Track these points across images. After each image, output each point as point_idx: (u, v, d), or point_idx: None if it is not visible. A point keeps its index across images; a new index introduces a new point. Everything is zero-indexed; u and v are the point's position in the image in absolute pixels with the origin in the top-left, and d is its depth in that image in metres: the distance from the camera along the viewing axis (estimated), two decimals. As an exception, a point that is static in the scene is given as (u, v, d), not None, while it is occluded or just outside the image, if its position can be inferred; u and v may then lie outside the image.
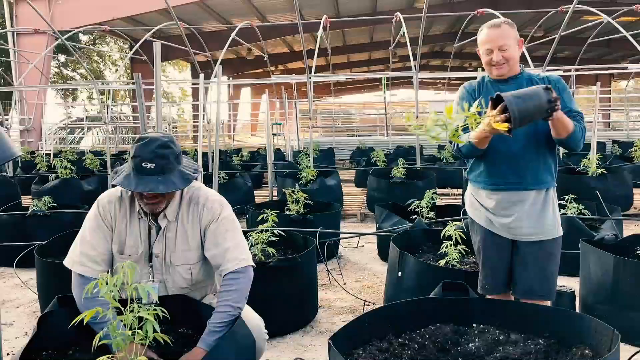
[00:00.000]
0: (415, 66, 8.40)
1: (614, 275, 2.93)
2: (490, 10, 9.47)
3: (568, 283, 3.09)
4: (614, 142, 11.97)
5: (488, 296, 2.42)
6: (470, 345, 1.92)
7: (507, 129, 1.87)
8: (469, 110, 1.88)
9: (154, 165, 1.93)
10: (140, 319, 1.62)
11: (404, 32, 9.61)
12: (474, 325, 2.03)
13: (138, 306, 1.62)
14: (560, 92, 2.24)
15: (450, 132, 1.81)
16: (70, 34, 11.94)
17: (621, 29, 8.95)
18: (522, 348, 1.87)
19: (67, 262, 2.09)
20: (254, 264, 2.13)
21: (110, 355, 1.64)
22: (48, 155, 11.74)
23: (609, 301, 2.96)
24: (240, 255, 2.08)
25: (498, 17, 2.44)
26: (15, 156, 1.90)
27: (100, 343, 1.65)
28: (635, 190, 6.69)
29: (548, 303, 2.32)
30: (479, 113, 1.90)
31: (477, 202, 2.43)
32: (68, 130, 19.02)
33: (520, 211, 2.29)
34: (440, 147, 11.25)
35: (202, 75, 5.56)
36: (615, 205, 4.92)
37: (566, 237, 2.43)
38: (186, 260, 2.14)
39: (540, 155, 2.29)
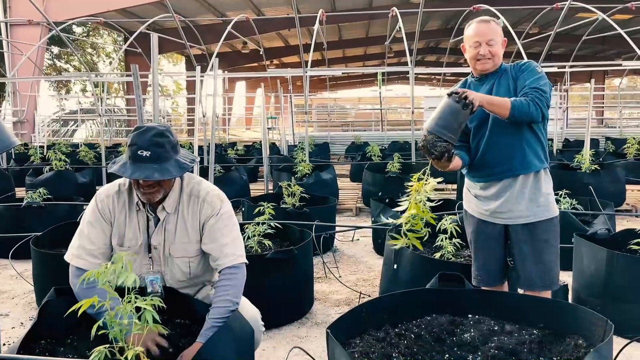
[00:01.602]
0: (411, 61, 8.41)
1: (606, 269, 2.97)
2: (486, 6, 9.47)
3: (561, 277, 3.12)
4: (607, 139, 12.05)
5: (483, 288, 2.46)
6: (465, 335, 1.94)
7: (446, 158, 2.18)
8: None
9: (149, 153, 1.94)
10: (138, 309, 1.63)
11: (400, 27, 9.61)
12: (470, 315, 2.06)
13: (136, 296, 1.62)
14: (523, 72, 2.33)
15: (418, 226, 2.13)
16: (64, 25, 11.85)
17: (616, 27, 9.00)
18: (517, 338, 1.90)
19: (66, 256, 2.12)
20: (247, 262, 2.15)
21: (108, 345, 1.65)
22: (42, 147, 11.67)
23: (601, 294, 3.00)
24: (237, 252, 2.11)
25: (494, 13, 2.48)
26: (14, 145, 1.91)
27: (100, 332, 1.66)
28: (627, 187, 6.76)
29: (548, 293, 2.36)
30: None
31: (471, 194, 2.52)
32: (61, 122, 18.91)
33: (511, 195, 2.35)
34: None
35: (198, 68, 5.54)
36: (608, 201, 4.98)
37: (560, 232, 2.46)
38: (185, 252, 2.15)
39: (522, 140, 2.34)
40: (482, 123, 2.38)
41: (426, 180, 2.09)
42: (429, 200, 2.07)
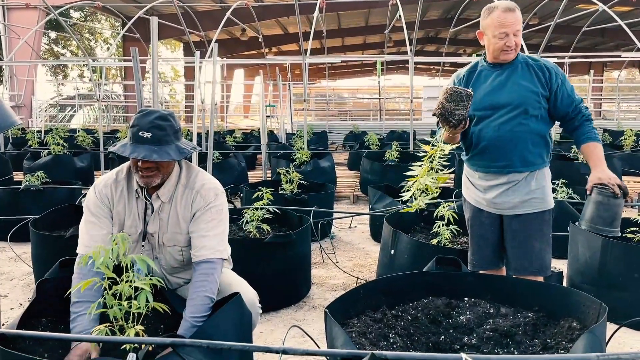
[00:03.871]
0: (411, 50, 8.39)
1: (601, 257, 3.01)
2: (487, -4, 9.43)
3: (556, 265, 3.16)
4: (605, 130, 12.07)
5: (479, 271, 2.50)
6: (461, 317, 1.97)
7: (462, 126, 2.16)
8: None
9: (150, 134, 1.94)
10: (136, 289, 1.66)
11: (400, 16, 9.57)
12: (466, 299, 2.09)
13: (136, 276, 1.66)
14: (563, 80, 2.33)
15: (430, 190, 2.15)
16: (62, 9, 11.76)
17: (616, 18, 8.98)
18: (512, 321, 1.93)
19: (78, 249, 2.10)
20: (225, 258, 2.15)
21: (107, 324, 1.68)
22: (39, 132, 11.63)
23: (595, 281, 3.04)
24: (218, 246, 2.09)
25: (493, 3, 2.45)
26: (15, 124, 1.91)
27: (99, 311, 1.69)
28: (624, 178, 6.80)
29: (540, 279, 2.39)
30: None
31: (469, 181, 2.54)
32: (59, 107, 18.83)
33: (507, 188, 2.38)
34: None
35: (197, 53, 5.51)
36: (604, 191, 5.00)
37: (556, 221, 2.49)
38: (176, 242, 2.15)
39: (528, 139, 2.34)
40: (488, 114, 2.36)
41: (440, 148, 2.10)
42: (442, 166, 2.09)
